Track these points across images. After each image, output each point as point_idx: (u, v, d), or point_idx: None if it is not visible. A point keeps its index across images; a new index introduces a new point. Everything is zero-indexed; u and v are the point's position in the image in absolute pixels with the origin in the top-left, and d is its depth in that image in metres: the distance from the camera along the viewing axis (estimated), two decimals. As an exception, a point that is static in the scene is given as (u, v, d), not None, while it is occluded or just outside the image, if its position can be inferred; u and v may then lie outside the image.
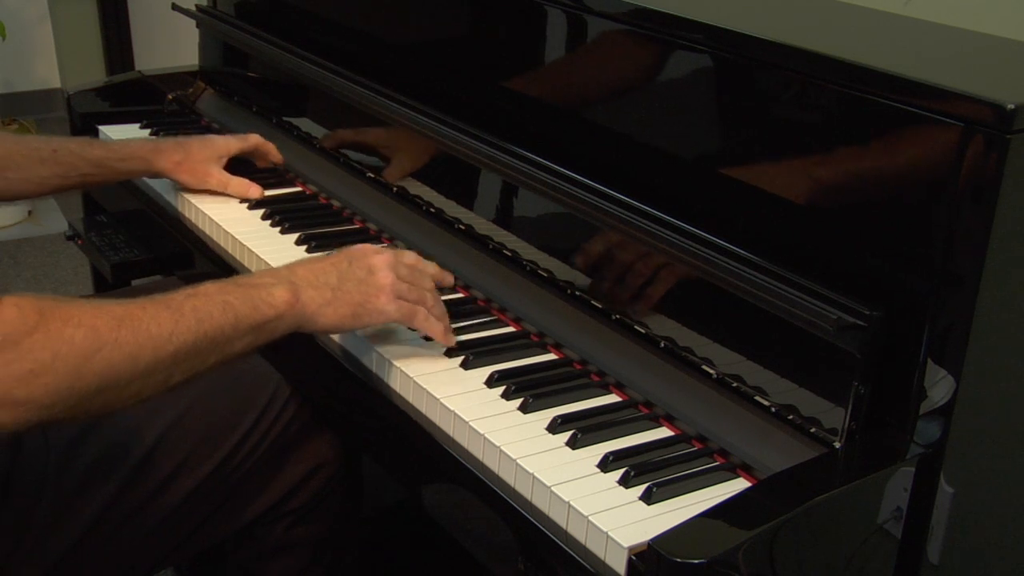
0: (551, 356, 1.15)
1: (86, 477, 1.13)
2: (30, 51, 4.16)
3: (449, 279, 1.20)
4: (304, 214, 1.48)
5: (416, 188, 1.41)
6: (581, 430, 0.99)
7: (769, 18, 1.18)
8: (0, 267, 3.15)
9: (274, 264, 1.31)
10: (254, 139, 1.58)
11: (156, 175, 1.53)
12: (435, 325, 1.11)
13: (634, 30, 1.15)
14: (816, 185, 0.99)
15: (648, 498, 0.91)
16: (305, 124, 1.64)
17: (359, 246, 1.13)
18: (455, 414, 1.02)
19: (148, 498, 1.16)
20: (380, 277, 1.08)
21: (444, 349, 1.13)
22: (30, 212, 3.47)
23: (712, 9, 1.14)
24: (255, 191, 1.51)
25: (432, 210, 1.37)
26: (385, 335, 1.16)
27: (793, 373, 0.96)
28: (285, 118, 1.69)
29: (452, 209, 1.34)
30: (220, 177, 1.51)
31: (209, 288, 1.00)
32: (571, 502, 0.90)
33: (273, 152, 1.59)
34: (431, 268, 1.16)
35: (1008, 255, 0.88)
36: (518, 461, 0.95)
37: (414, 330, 1.15)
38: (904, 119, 0.90)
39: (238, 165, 1.56)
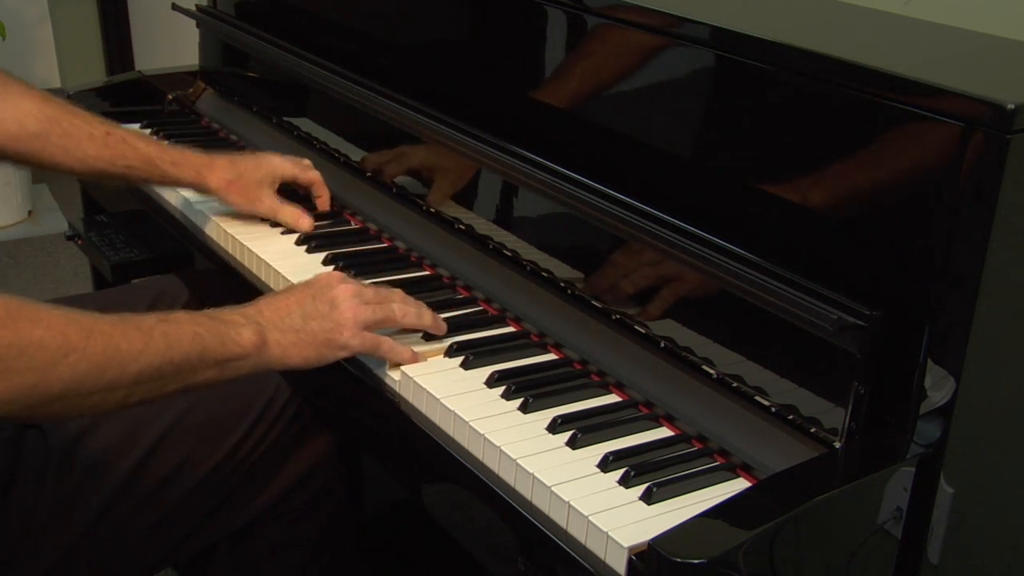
0: (551, 356, 1.15)
1: (86, 477, 1.13)
2: (30, 51, 4.16)
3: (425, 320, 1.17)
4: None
5: (416, 188, 1.41)
6: (581, 430, 0.99)
7: (769, 18, 1.18)
8: (0, 267, 3.15)
9: (272, 263, 1.32)
10: (313, 175, 1.46)
11: (204, 190, 1.43)
12: (402, 353, 1.11)
13: (633, 30, 1.15)
14: (815, 185, 0.99)
15: (648, 498, 0.91)
16: (305, 124, 1.64)
17: (323, 276, 1.13)
18: (455, 414, 1.02)
19: (148, 497, 1.16)
20: (343, 310, 1.09)
21: (444, 349, 1.13)
22: (30, 212, 3.47)
23: (712, 9, 1.14)
24: (306, 223, 1.40)
25: (432, 210, 1.37)
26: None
27: (793, 373, 0.96)
28: (285, 118, 1.69)
29: (452, 209, 1.34)
30: (271, 203, 1.42)
31: (180, 316, 1.01)
32: (571, 502, 0.90)
33: (324, 200, 1.47)
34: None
35: (1008, 255, 0.88)
36: (518, 461, 0.95)
37: (413, 330, 1.15)
38: (904, 119, 0.90)
39: None
